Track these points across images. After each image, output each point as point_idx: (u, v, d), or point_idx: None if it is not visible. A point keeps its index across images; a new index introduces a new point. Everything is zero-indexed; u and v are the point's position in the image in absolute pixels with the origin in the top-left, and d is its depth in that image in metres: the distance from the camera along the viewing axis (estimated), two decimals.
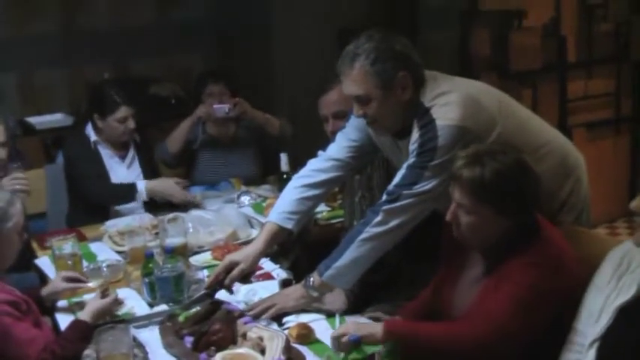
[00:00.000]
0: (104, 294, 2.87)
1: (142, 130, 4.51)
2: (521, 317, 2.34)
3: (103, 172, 4.32)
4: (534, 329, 2.37)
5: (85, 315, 2.76)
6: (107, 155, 4.38)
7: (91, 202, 4.30)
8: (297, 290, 2.91)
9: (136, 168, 4.45)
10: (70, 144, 4.50)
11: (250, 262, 3.00)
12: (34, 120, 5.60)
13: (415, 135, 2.74)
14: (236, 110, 4.62)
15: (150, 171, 4.48)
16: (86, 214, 4.23)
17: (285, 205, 3.08)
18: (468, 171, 2.40)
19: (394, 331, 2.40)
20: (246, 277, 3.03)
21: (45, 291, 3.05)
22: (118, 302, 2.89)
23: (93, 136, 4.36)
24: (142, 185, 4.23)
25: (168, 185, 4.29)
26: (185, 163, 4.87)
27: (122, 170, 4.40)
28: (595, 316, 2.24)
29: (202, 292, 2.99)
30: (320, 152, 3.17)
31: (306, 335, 2.69)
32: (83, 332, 2.68)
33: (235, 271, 2.96)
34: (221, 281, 2.97)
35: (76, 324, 2.73)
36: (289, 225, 3.06)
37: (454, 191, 2.46)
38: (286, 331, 2.69)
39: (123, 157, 4.43)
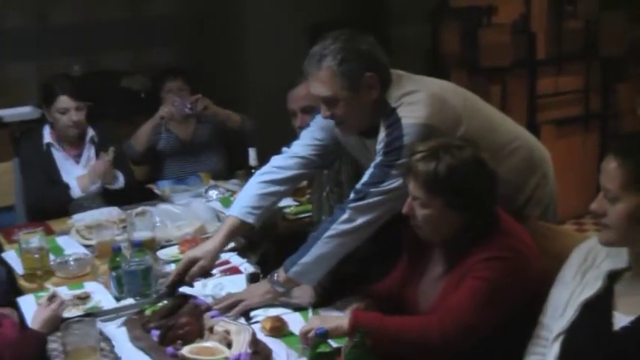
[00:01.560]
0: (51, 301, 2.82)
1: (100, 124, 4.45)
2: (483, 311, 2.36)
3: (54, 176, 4.25)
4: (497, 323, 2.38)
5: (35, 325, 2.72)
6: (61, 158, 4.31)
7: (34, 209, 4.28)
8: (262, 286, 2.90)
9: None
10: (24, 148, 4.44)
11: (210, 258, 2.99)
12: (2, 112, 5.53)
13: (382, 134, 2.75)
14: (198, 106, 4.60)
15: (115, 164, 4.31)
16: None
17: (247, 200, 3.07)
18: (423, 164, 2.43)
19: (361, 323, 2.40)
20: (206, 272, 3.02)
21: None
22: (63, 305, 2.83)
23: (47, 138, 4.31)
24: (74, 183, 4.19)
25: (89, 171, 4.23)
26: (150, 161, 4.85)
27: (77, 171, 4.29)
28: (560, 310, 2.26)
29: (164, 289, 2.98)
30: (284, 149, 3.16)
31: (279, 328, 2.68)
32: (38, 341, 2.65)
33: (195, 268, 2.95)
34: (182, 278, 2.96)
35: (29, 334, 2.69)
36: (250, 219, 3.04)
37: (409, 183, 2.48)
38: (259, 324, 2.70)
39: (77, 157, 4.34)
